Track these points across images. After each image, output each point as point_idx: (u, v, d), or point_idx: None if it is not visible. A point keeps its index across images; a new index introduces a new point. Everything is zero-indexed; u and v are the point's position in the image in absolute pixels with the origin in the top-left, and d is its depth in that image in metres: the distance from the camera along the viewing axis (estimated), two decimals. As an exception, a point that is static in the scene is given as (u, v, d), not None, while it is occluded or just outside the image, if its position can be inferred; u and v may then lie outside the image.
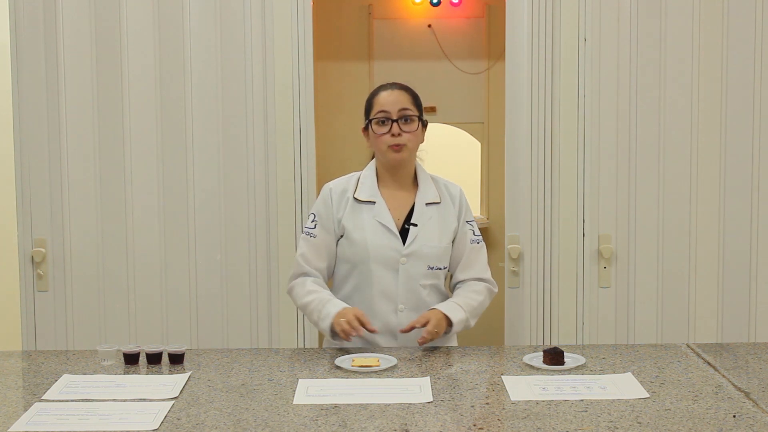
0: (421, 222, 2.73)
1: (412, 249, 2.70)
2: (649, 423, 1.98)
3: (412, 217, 2.74)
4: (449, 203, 2.79)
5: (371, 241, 2.69)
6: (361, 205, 2.74)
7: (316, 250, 2.75)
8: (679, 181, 3.56)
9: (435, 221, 2.75)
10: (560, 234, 3.58)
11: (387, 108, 2.70)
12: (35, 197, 3.55)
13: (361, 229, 2.71)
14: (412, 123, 2.70)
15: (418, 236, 2.71)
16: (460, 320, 2.67)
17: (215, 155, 3.57)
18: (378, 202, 2.73)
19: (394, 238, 2.70)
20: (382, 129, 2.70)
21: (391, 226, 2.71)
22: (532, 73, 3.54)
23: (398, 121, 2.68)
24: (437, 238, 2.73)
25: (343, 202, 2.75)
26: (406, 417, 2.03)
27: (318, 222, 2.76)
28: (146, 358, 2.50)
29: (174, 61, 3.54)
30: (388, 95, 2.72)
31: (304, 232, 2.79)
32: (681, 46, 3.52)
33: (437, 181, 2.83)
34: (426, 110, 5.19)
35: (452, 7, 5.25)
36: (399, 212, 2.75)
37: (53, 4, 3.50)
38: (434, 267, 2.73)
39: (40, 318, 3.59)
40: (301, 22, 3.54)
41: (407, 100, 2.72)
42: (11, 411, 2.11)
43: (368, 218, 2.72)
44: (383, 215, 2.72)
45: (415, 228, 2.72)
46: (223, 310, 3.61)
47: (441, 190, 2.80)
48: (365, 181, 2.78)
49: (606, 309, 3.60)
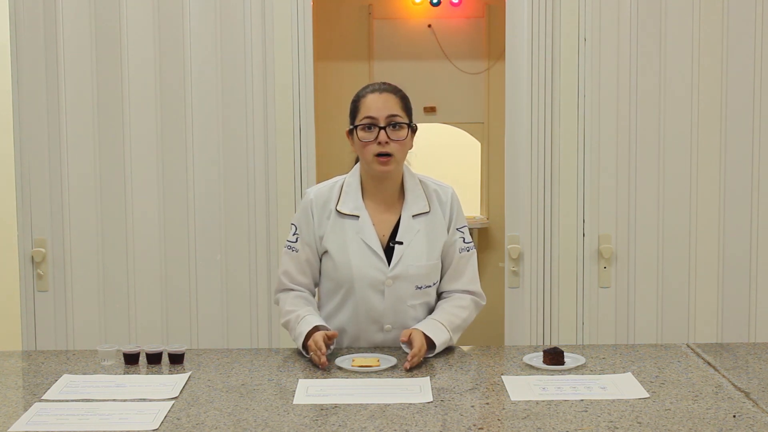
0: (407, 239, 2.57)
1: (397, 271, 2.56)
2: (649, 423, 1.98)
3: (398, 234, 2.58)
4: (438, 212, 2.63)
5: (355, 263, 2.56)
6: (344, 219, 2.58)
7: (298, 264, 2.64)
8: (679, 182, 3.56)
9: (422, 235, 2.59)
10: (560, 234, 3.58)
11: (374, 114, 2.51)
12: (35, 197, 3.55)
13: (344, 249, 2.57)
14: (401, 130, 2.52)
15: (404, 256, 2.56)
16: (443, 342, 2.53)
17: (215, 155, 3.57)
18: (362, 217, 2.58)
19: (377, 260, 2.56)
20: (369, 136, 2.52)
21: (376, 246, 2.56)
22: (532, 73, 3.54)
23: (386, 128, 2.51)
24: (425, 255, 2.58)
25: (325, 215, 2.60)
26: (406, 417, 2.03)
27: (299, 236, 2.63)
28: (146, 358, 2.50)
29: (174, 61, 3.54)
30: (376, 99, 2.53)
31: (286, 245, 2.66)
32: (681, 46, 3.52)
33: (426, 186, 2.65)
34: (426, 110, 5.23)
35: (452, 7, 5.25)
36: (384, 227, 2.60)
37: (53, 4, 3.50)
38: (422, 286, 2.60)
39: (40, 318, 3.59)
40: (301, 22, 3.54)
41: (396, 105, 2.54)
42: (11, 411, 2.11)
43: (351, 236, 2.57)
44: (367, 233, 2.57)
45: (400, 247, 2.57)
46: (223, 310, 3.61)
47: (430, 197, 2.64)
48: (348, 190, 2.61)
49: (606, 309, 3.60)
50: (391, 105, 2.53)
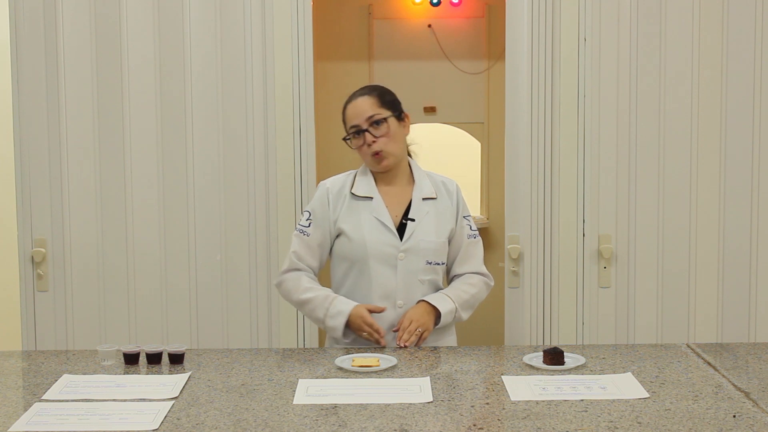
0: (418, 217, 2.74)
1: (409, 244, 2.71)
2: (649, 423, 1.98)
3: (410, 212, 2.75)
4: (446, 198, 2.81)
5: (369, 239, 2.70)
6: (358, 201, 2.75)
7: (309, 248, 2.77)
8: (679, 181, 3.56)
9: (432, 216, 2.75)
10: (560, 234, 3.58)
11: (355, 121, 2.72)
12: (35, 197, 3.55)
13: (359, 226, 2.72)
14: (382, 125, 2.70)
15: (415, 231, 2.72)
16: (449, 311, 2.69)
17: (215, 156, 3.57)
18: (375, 198, 2.74)
19: (391, 235, 2.71)
20: (358, 141, 2.72)
21: (389, 223, 2.72)
22: (532, 73, 3.54)
23: (368, 130, 2.69)
24: (434, 233, 2.74)
25: (340, 200, 2.76)
26: (406, 417, 2.03)
27: (313, 221, 2.77)
28: (146, 358, 2.50)
29: (174, 61, 3.54)
30: (353, 108, 2.74)
31: (297, 229, 2.80)
32: (681, 46, 3.52)
33: (432, 177, 2.84)
34: (426, 110, 5.23)
35: (452, 7, 5.25)
36: (396, 208, 2.76)
37: (53, 4, 3.50)
38: (432, 262, 2.74)
39: (40, 318, 3.59)
40: (301, 22, 3.54)
41: (372, 104, 2.72)
42: (11, 411, 2.11)
43: (365, 215, 2.73)
44: (380, 211, 2.73)
45: (412, 223, 2.73)
46: (223, 310, 3.61)
47: (437, 186, 2.82)
48: (362, 178, 2.79)
49: (606, 309, 3.60)
50: (367, 107, 2.72)
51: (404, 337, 2.62)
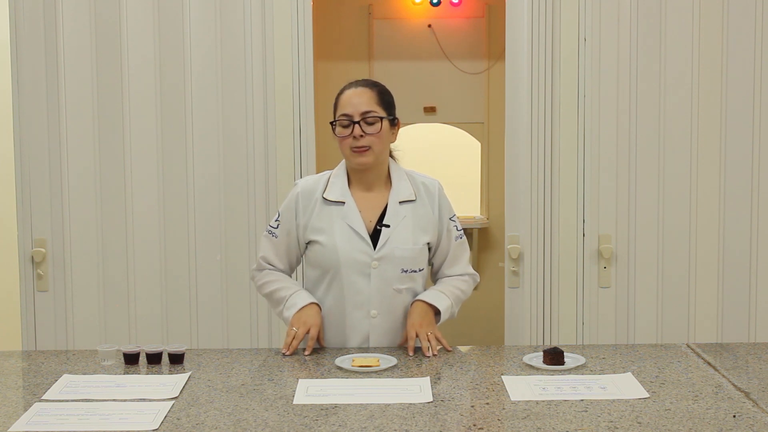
0: (394, 223, 2.62)
1: (383, 252, 2.61)
2: (649, 423, 1.98)
3: (385, 217, 2.63)
4: (425, 200, 2.68)
5: (341, 246, 2.60)
6: (330, 206, 2.64)
7: (276, 250, 2.72)
8: (679, 182, 3.56)
9: (409, 220, 2.64)
10: (560, 234, 3.58)
11: (349, 111, 2.58)
12: (35, 197, 3.55)
13: (330, 233, 2.62)
14: (375, 124, 2.58)
15: (390, 238, 2.61)
16: (446, 308, 2.66)
17: (215, 155, 3.57)
18: (347, 203, 2.63)
19: (363, 243, 2.60)
20: (344, 132, 2.59)
21: (360, 230, 2.61)
22: (532, 73, 3.54)
23: (360, 123, 2.57)
24: (411, 239, 2.63)
25: (311, 204, 2.66)
26: (406, 417, 2.03)
27: (281, 223, 2.71)
28: (146, 358, 2.50)
29: (174, 61, 3.54)
30: (351, 95, 2.61)
31: (267, 229, 2.75)
32: (681, 46, 3.52)
33: (413, 178, 2.71)
34: (426, 110, 5.23)
35: (452, 7, 5.25)
36: (371, 213, 2.65)
37: (53, 4, 3.50)
38: (408, 270, 2.63)
39: (40, 318, 3.59)
40: (301, 22, 3.54)
41: (371, 100, 2.60)
42: (11, 411, 2.11)
43: (337, 221, 2.62)
44: (352, 217, 2.62)
45: (387, 230, 2.61)
46: (223, 310, 3.61)
47: (417, 188, 2.68)
48: (335, 180, 2.68)
49: (606, 309, 3.60)
50: (365, 100, 2.60)
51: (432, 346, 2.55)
